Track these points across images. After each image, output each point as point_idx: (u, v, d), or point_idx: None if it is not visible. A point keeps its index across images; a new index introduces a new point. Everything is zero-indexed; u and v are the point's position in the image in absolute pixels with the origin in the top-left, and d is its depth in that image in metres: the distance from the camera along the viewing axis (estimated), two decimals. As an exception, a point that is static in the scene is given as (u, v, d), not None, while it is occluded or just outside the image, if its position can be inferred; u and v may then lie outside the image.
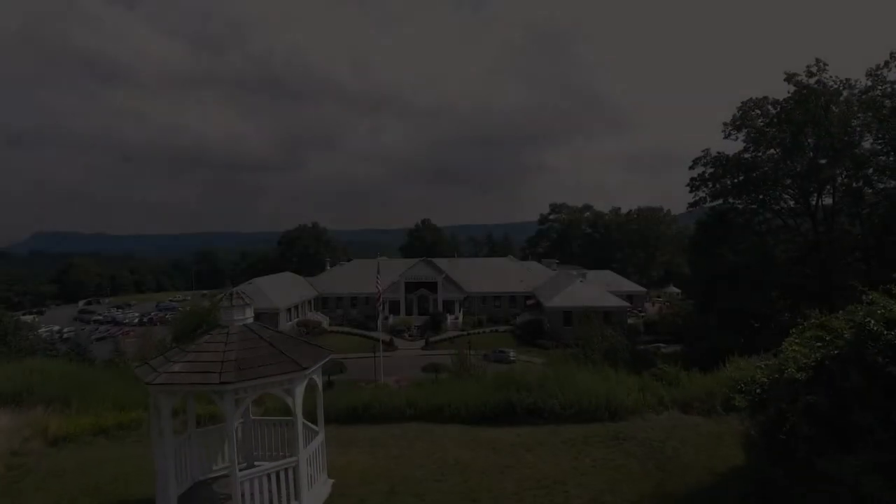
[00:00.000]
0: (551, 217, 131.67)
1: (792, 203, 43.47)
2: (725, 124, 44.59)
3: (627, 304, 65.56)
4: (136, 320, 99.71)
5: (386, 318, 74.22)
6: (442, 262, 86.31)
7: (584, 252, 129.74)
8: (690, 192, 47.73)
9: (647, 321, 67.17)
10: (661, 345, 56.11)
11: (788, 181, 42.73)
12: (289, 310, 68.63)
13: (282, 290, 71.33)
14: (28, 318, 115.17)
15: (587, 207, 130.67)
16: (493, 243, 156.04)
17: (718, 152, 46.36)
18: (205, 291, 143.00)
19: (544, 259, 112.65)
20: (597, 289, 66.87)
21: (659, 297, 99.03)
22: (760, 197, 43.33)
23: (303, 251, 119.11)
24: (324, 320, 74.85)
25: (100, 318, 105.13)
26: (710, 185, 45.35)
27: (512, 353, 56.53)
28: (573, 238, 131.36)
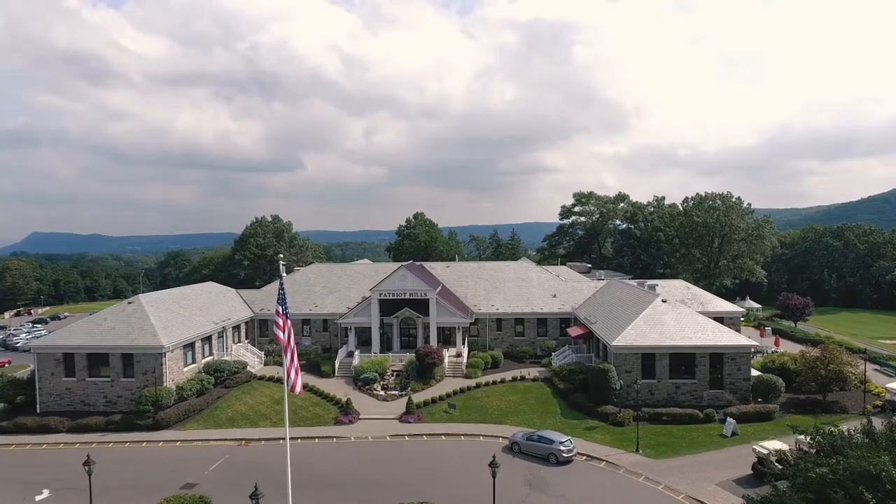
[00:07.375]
0: (576, 210, 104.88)
1: None
2: None
3: (754, 342, 39.03)
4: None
5: (350, 354, 48.04)
6: (437, 268, 60.09)
7: (618, 253, 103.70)
8: None
9: (769, 366, 40.82)
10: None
11: None
12: (190, 345, 42.22)
13: (183, 314, 44.77)
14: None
15: (622, 197, 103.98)
16: (498, 244, 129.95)
17: None
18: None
19: (569, 262, 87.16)
20: (689, 313, 40.44)
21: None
22: None
23: (258, 252, 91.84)
24: (255, 359, 48.46)
25: (-7, 339, 79.49)
26: None
27: (566, 444, 30.15)
28: (604, 235, 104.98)
